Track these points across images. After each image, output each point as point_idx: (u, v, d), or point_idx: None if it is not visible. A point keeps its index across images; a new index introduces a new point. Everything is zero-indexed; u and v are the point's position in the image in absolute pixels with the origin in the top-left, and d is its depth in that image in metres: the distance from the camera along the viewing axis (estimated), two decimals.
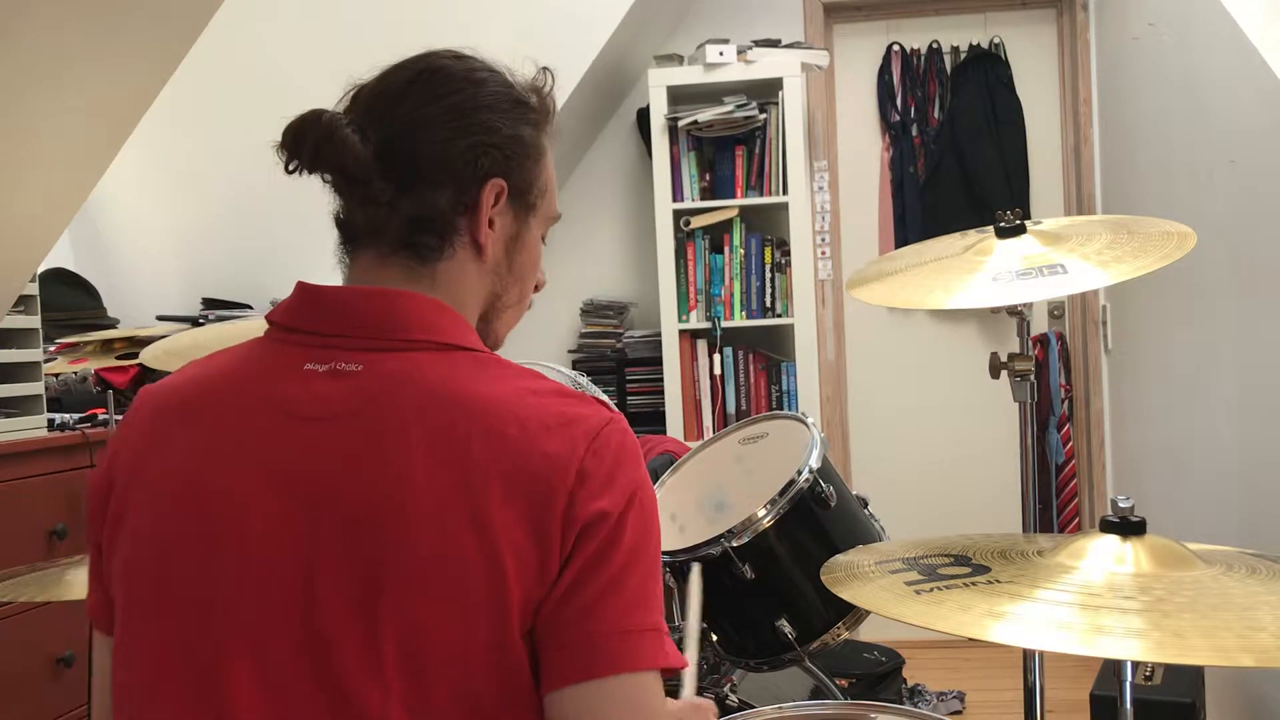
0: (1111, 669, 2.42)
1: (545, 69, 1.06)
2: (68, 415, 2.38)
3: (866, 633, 3.59)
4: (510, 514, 0.86)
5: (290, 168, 0.97)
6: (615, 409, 0.96)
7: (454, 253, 0.99)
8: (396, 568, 0.86)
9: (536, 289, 1.10)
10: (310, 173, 0.97)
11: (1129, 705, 1.20)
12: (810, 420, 1.77)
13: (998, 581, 1.11)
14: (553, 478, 0.87)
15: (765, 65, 3.52)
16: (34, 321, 2.22)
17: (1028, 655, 1.64)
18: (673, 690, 1.31)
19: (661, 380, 3.60)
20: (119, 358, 2.56)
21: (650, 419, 3.65)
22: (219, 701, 0.87)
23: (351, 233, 1.00)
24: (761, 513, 1.62)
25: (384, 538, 0.86)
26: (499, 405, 0.90)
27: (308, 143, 0.95)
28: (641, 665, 0.88)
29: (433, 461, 0.87)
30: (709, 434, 3.54)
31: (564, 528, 0.87)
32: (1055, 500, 3.90)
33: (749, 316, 3.59)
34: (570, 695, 0.86)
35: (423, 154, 0.96)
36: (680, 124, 3.52)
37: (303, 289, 0.98)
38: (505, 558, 0.86)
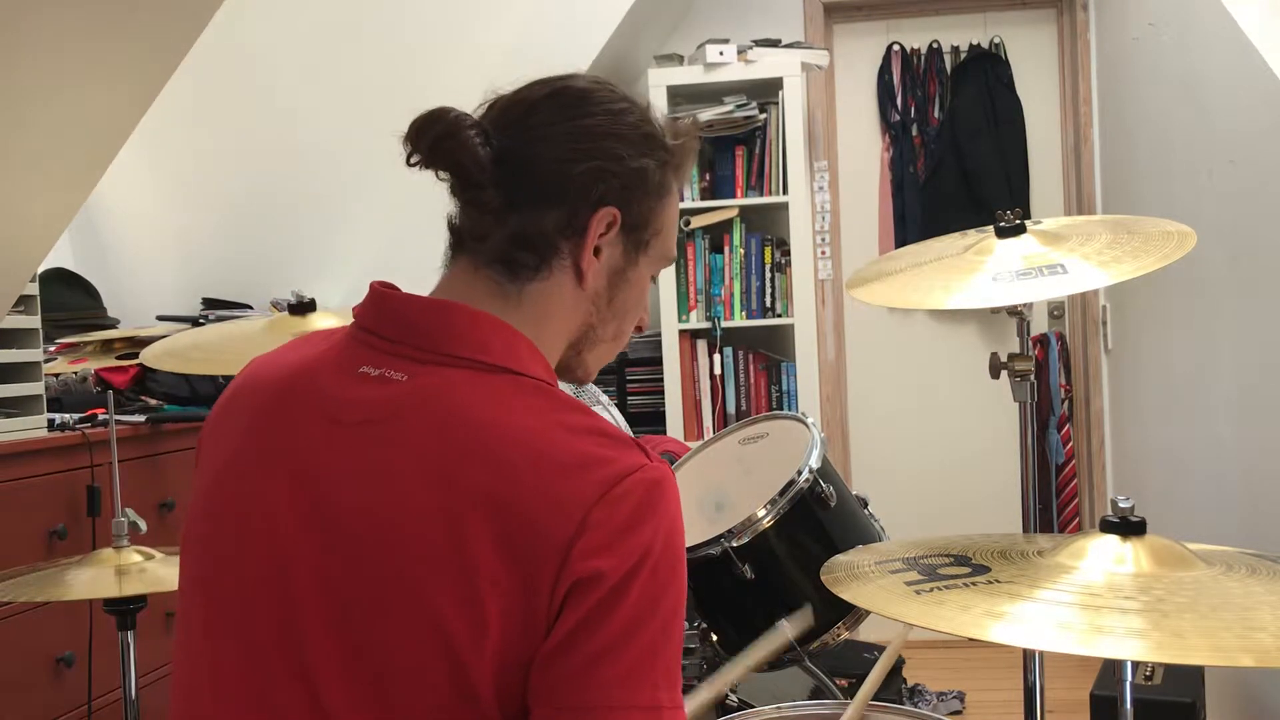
0: (1111, 669, 2.42)
1: (695, 118, 1.05)
2: (68, 415, 2.38)
3: (866, 633, 3.59)
4: (499, 555, 0.81)
5: (411, 160, 0.95)
6: (658, 457, 0.90)
7: (550, 274, 0.96)
8: (370, 586, 0.85)
9: (639, 329, 1.07)
10: (426, 168, 0.95)
11: (1129, 705, 1.20)
12: (810, 420, 1.77)
13: (998, 581, 1.11)
14: (551, 524, 0.82)
15: (765, 65, 3.52)
16: (34, 321, 2.22)
17: (1028, 655, 1.64)
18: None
19: (661, 380, 3.60)
20: (119, 358, 2.56)
21: (650, 419, 3.65)
22: (210, 690, 0.90)
23: (458, 236, 0.98)
24: (761, 513, 1.62)
25: (366, 552, 0.85)
26: (518, 436, 0.86)
27: (427, 137, 0.93)
28: None
29: (428, 485, 0.85)
30: (709, 434, 3.54)
31: (555, 580, 0.81)
32: (1055, 500, 3.90)
33: (749, 316, 3.59)
34: None
35: (540, 170, 0.94)
36: None
37: (373, 291, 0.97)
38: (486, 601, 0.81)
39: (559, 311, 0.97)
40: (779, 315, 3.59)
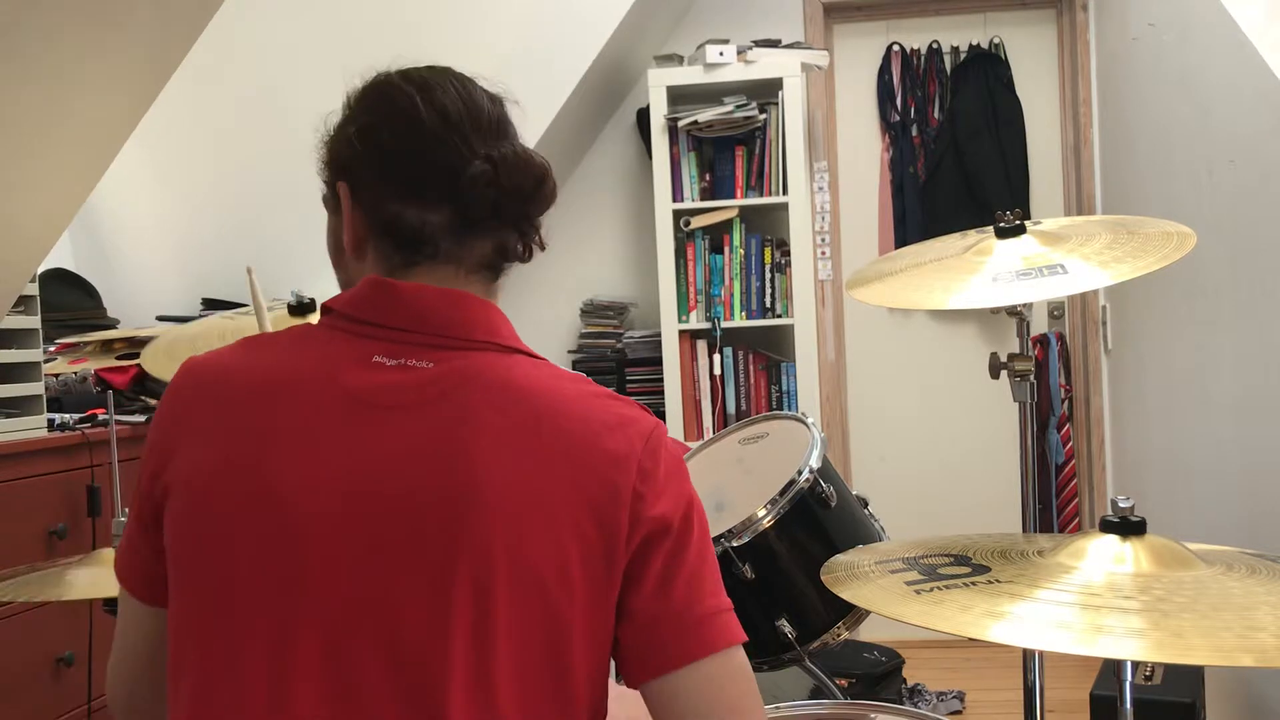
0: (1111, 669, 2.42)
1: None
2: (68, 415, 2.38)
3: (866, 633, 3.59)
4: (579, 507, 0.91)
5: (501, 214, 1.02)
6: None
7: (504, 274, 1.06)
8: (470, 556, 0.88)
9: None
10: (509, 221, 1.02)
11: (1129, 705, 1.20)
12: (810, 420, 1.77)
13: (998, 581, 1.11)
14: (617, 475, 0.92)
15: (765, 65, 3.52)
16: (34, 321, 2.22)
17: (1028, 655, 1.64)
18: None
19: (661, 380, 3.60)
20: (119, 358, 2.56)
21: None
22: (286, 687, 0.88)
23: (431, 244, 1.00)
24: (761, 513, 1.62)
25: (457, 526, 0.89)
26: (563, 401, 0.94)
27: (544, 198, 1.03)
28: (737, 638, 0.96)
29: (506, 453, 0.91)
30: (709, 434, 3.54)
31: (631, 523, 0.92)
32: (1055, 500, 3.90)
33: (749, 317, 3.59)
34: (687, 676, 0.93)
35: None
36: (680, 124, 3.52)
37: (378, 283, 0.98)
38: (572, 556, 0.90)
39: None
40: (779, 315, 3.59)
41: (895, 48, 4.01)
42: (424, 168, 0.99)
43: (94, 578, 1.68)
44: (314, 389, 0.94)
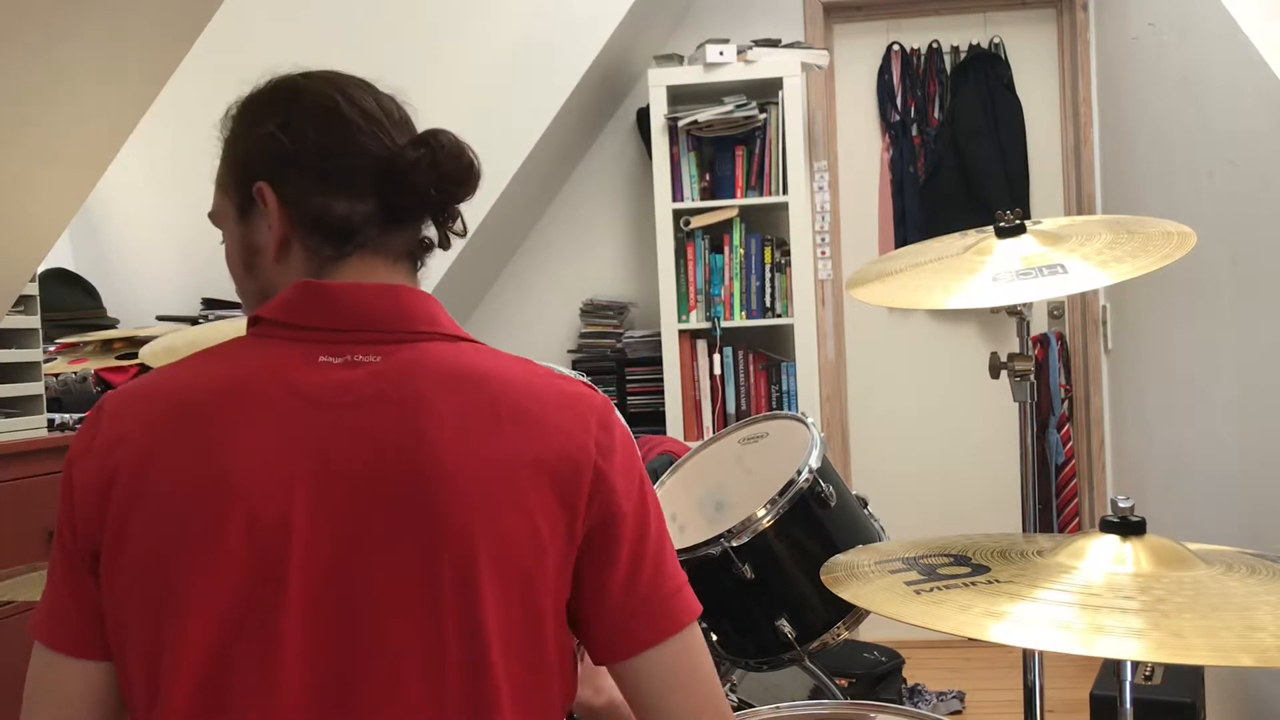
0: (1111, 669, 2.42)
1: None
2: (68, 415, 2.38)
3: (866, 633, 3.59)
4: (543, 484, 0.93)
5: (451, 198, 1.04)
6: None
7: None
8: (450, 543, 0.90)
9: None
10: (454, 203, 1.04)
11: (1129, 705, 1.20)
12: (810, 420, 1.77)
13: (997, 581, 1.11)
14: (577, 451, 0.95)
15: (765, 65, 3.52)
16: (34, 321, 2.22)
17: (1028, 655, 1.64)
18: None
19: (661, 380, 3.60)
20: (119, 358, 2.56)
21: (650, 419, 3.65)
22: (274, 685, 0.88)
23: (361, 234, 1.00)
24: (761, 513, 1.62)
25: (432, 515, 0.90)
26: (515, 383, 0.96)
27: (473, 186, 1.04)
28: (698, 612, 1.00)
29: (466, 437, 0.92)
30: (709, 434, 3.54)
31: (590, 500, 0.94)
32: (1055, 500, 3.90)
33: (749, 316, 3.59)
34: (660, 654, 0.97)
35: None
36: (680, 124, 3.52)
37: (309, 286, 0.98)
38: (542, 530, 0.92)
39: None
40: (779, 315, 3.59)
41: (895, 47, 4.01)
42: (353, 159, 0.99)
43: None
44: (266, 393, 0.92)
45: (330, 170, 0.99)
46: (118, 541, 0.91)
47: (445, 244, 1.06)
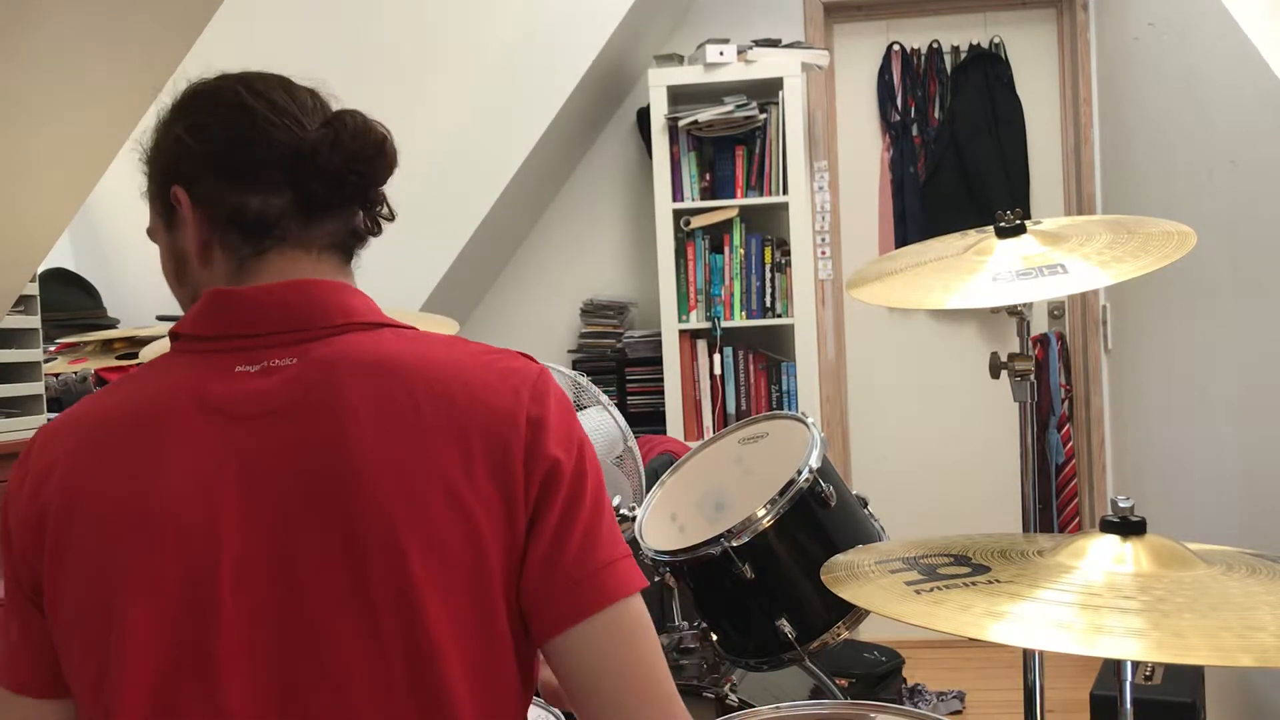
0: (1111, 669, 2.42)
1: None
2: None
3: (866, 633, 3.59)
4: (474, 472, 0.90)
5: (377, 177, 1.02)
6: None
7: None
8: (381, 555, 0.87)
9: None
10: (379, 184, 1.02)
11: (1129, 705, 1.20)
12: (810, 420, 1.77)
13: (998, 581, 1.11)
14: (508, 432, 0.91)
15: (765, 65, 3.52)
16: (34, 321, 2.22)
17: (1028, 655, 1.64)
18: None
19: (661, 380, 3.60)
20: (119, 358, 2.56)
21: (650, 419, 3.65)
22: (221, 703, 0.87)
23: (281, 228, 0.98)
24: (761, 512, 1.62)
25: (358, 524, 0.87)
26: (438, 368, 0.93)
27: (388, 161, 1.01)
28: (635, 588, 0.94)
29: (388, 435, 0.89)
30: (709, 434, 3.54)
31: (526, 476, 0.91)
32: (1055, 500, 3.90)
33: (749, 316, 3.59)
34: (582, 632, 0.91)
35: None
36: (680, 124, 3.52)
37: (219, 294, 0.96)
38: (479, 517, 0.89)
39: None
40: (779, 315, 3.59)
41: (895, 47, 4.01)
42: (261, 151, 0.97)
43: None
44: (183, 413, 0.91)
45: (240, 165, 0.97)
46: (55, 577, 0.91)
47: (374, 230, 1.03)
